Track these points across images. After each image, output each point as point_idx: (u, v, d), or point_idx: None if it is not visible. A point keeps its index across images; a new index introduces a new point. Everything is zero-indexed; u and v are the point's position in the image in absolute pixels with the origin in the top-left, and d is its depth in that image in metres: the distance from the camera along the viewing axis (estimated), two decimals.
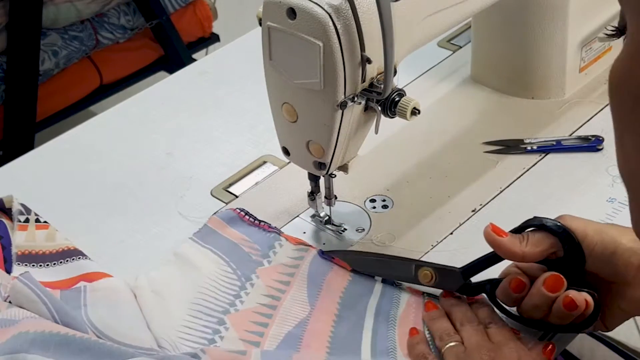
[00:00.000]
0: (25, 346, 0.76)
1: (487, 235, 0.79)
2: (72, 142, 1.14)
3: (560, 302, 0.76)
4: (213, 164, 1.08)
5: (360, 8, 0.77)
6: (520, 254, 0.78)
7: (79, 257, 0.93)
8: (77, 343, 0.77)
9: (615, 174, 1.00)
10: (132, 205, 1.02)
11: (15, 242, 0.94)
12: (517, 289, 0.79)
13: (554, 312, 0.77)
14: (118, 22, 2.20)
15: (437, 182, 1.01)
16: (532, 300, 0.78)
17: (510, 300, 0.80)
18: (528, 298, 0.78)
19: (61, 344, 0.77)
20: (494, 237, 0.79)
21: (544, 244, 0.78)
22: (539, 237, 0.78)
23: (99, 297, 0.88)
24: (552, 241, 0.77)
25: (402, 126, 0.99)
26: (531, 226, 0.79)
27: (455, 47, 1.24)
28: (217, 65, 1.28)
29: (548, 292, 0.76)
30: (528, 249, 0.77)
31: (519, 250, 0.78)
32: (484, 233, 0.79)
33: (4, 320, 0.81)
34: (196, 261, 0.91)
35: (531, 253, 0.78)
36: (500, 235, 0.79)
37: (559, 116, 1.10)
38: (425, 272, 0.85)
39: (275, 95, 0.86)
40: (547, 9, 1.06)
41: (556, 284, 0.76)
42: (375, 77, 0.82)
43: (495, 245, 0.79)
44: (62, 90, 2.15)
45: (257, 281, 0.89)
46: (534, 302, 0.78)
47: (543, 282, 0.77)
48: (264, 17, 0.81)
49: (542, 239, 0.78)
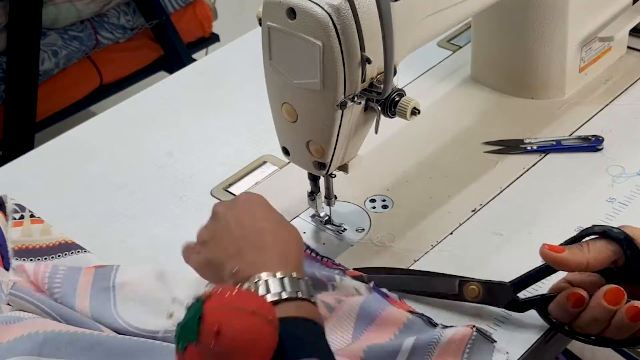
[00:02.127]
0: (36, 348, 0.76)
1: (545, 257, 0.77)
2: (72, 142, 1.14)
3: (623, 313, 0.74)
4: (213, 164, 1.08)
5: (360, 8, 0.77)
6: (584, 263, 0.76)
7: (77, 250, 0.93)
8: (87, 339, 0.77)
9: (615, 174, 1.00)
10: (132, 205, 1.02)
11: (11, 237, 0.94)
12: (577, 304, 0.76)
13: (613, 325, 0.75)
14: (118, 22, 2.20)
15: (437, 182, 1.01)
16: (592, 314, 0.76)
17: (567, 315, 0.78)
18: (587, 312, 0.76)
19: (72, 342, 0.77)
20: (554, 256, 0.76)
21: (606, 252, 0.76)
22: (600, 245, 0.76)
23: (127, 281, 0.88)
24: (615, 249, 0.76)
25: (402, 126, 1.00)
26: (591, 234, 0.77)
27: (455, 47, 1.24)
28: (217, 65, 1.28)
29: (609, 305, 0.75)
30: (591, 256, 0.76)
31: (584, 259, 0.76)
32: (542, 255, 0.77)
33: (10, 317, 0.81)
34: None
35: (594, 261, 0.76)
36: (559, 252, 0.77)
37: (558, 116, 1.10)
38: (472, 287, 0.82)
39: (275, 95, 0.86)
40: (547, 9, 1.06)
41: (617, 296, 0.75)
42: (375, 77, 0.82)
43: (558, 264, 0.77)
44: (62, 90, 2.15)
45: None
46: (594, 315, 0.76)
47: (604, 295, 0.75)
48: (263, 17, 0.81)
49: (604, 246, 0.76)
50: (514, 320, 0.83)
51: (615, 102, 1.11)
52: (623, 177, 0.99)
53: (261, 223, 0.76)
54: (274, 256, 0.72)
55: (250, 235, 0.75)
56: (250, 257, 0.72)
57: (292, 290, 0.68)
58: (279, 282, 0.69)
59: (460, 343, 0.79)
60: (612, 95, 1.12)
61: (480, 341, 0.79)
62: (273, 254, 0.73)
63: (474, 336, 0.79)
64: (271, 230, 0.75)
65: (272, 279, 0.69)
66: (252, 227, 0.75)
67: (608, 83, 1.14)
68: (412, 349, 0.79)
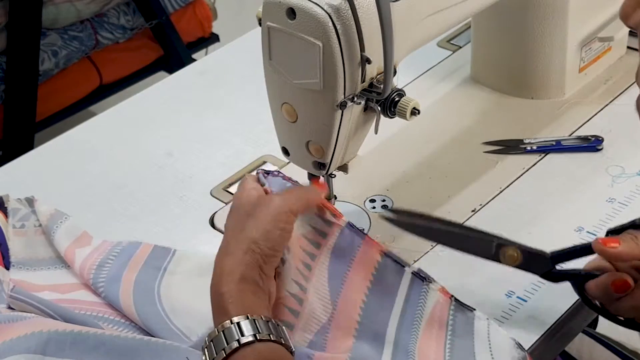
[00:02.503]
0: (41, 347, 0.76)
1: (601, 253, 0.76)
2: (72, 142, 1.14)
3: None
4: (213, 164, 1.08)
5: (360, 8, 0.77)
6: (639, 255, 0.74)
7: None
8: (91, 339, 0.77)
9: (615, 174, 1.00)
10: (132, 205, 1.02)
11: (13, 248, 0.93)
12: (621, 290, 0.75)
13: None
14: (118, 22, 2.20)
15: (437, 182, 1.01)
16: (635, 302, 0.75)
17: (608, 298, 0.77)
18: (629, 299, 0.75)
19: (76, 342, 0.77)
20: (610, 252, 0.75)
21: None
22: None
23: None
24: None
25: (402, 126, 0.99)
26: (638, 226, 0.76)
27: (455, 47, 1.24)
28: (217, 65, 1.28)
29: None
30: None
31: (638, 251, 0.74)
32: (596, 250, 0.75)
33: (12, 315, 0.81)
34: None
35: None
36: (614, 245, 0.75)
37: (558, 116, 1.10)
38: (511, 252, 0.80)
39: (275, 95, 0.86)
40: (547, 9, 1.06)
41: None
42: (375, 77, 0.82)
43: (615, 257, 0.75)
44: (62, 90, 2.15)
45: (288, 257, 0.80)
46: (636, 304, 0.75)
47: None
48: (263, 17, 0.81)
49: None
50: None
51: (615, 102, 1.11)
52: (623, 177, 0.99)
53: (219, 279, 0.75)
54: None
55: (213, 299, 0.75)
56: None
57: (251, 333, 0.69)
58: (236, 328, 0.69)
59: (442, 315, 0.81)
60: (612, 95, 1.12)
61: (459, 311, 0.81)
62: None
63: (453, 307, 0.81)
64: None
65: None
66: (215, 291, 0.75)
67: (608, 83, 1.14)
68: (402, 312, 0.81)
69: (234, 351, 0.68)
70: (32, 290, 0.88)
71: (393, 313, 0.82)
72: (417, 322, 0.81)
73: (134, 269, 0.90)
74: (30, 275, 0.91)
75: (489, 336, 0.80)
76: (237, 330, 0.69)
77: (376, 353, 0.80)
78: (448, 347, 0.80)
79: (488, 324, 0.80)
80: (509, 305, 0.85)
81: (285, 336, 0.71)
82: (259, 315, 0.70)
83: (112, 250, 0.92)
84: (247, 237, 0.74)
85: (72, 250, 0.92)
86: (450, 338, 0.80)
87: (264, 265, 0.74)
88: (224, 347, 0.68)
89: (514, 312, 0.84)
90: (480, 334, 0.80)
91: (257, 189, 0.81)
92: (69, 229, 0.94)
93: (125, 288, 0.87)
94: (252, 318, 0.69)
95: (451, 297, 0.82)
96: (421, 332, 0.81)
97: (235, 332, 0.69)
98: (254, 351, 0.68)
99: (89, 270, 0.89)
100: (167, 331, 0.83)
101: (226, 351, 0.68)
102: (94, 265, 0.90)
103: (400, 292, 0.83)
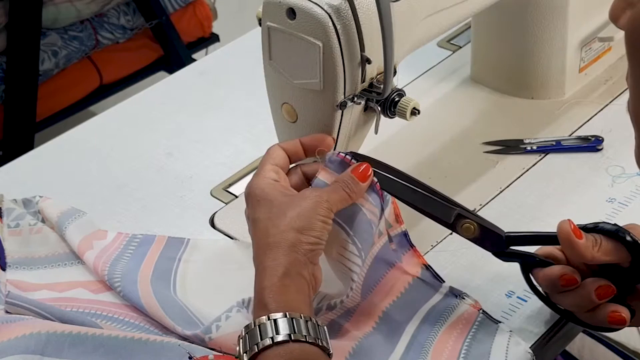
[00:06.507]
0: (39, 347, 0.76)
1: (563, 233, 0.76)
2: (72, 142, 1.14)
3: (605, 314, 0.75)
4: (213, 164, 1.08)
5: (360, 8, 0.77)
6: (589, 259, 0.75)
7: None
8: (89, 341, 0.77)
9: (615, 174, 1.00)
10: (132, 205, 1.02)
11: (8, 248, 0.93)
12: (568, 284, 0.77)
13: (593, 316, 0.77)
14: (118, 22, 2.20)
15: (437, 182, 1.00)
16: (577, 301, 0.77)
17: (553, 289, 0.78)
18: (573, 296, 0.77)
19: (75, 344, 0.77)
20: (571, 238, 0.75)
21: (614, 255, 0.75)
22: (612, 246, 0.75)
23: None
24: (624, 255, 0.75)
25: (402, 126, 0.99)
26: (605, 231, 0.76)
27: (455, 47, 1.25)
28: (217, 65, 1.28)
29: (597, 300, 0.75)
30: (599, 255, 0.75)
31: (590, 255, 0.75)
32: (560, 228, 0.76)
33: (10, 317, 0.81)
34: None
35: (598, 260, 0.76)
36: (577, 236, 0.75)
37: (558, 116, 1.10)
38: (468, 225, 0.80)
39: (274, 95, 0.86)
40: (547, 9, 1.06)
41: (607, 292, 0.75)
42: (375, 77, 0.82)
43: (569, 245, 0.76)
44: (62, 90, 2.15)
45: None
46: (578, 302, 0.77)
47: (595, 289, 0.75)
48: (263, 17, 0.81)
49: (615, 249, 0.75)
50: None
51: (615, 102, 1.11)
52: (623, 177, 0.99)
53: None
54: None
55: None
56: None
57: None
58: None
59: (467, 323, 0.82)
60: (612, 95, 1.12)
61: (485, 323, 0.82)
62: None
63: (480, 318, 0.82)
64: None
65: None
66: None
67: (608, 83, 1.14)
68: (426, 315, 0.82)
69: (266, 348, 0.68)
70: (28, 290, 0.88)
71: (417, 314, 0.83)
72: (439, 325, 0.82)
73: (150, 261, 0.91)
74: (26, 275, 0.91)
75: (508, 346, 0.80)
76: (273, 328, 0.68)
77: (390, 344, 0.81)
78: (464, 349, 0.80)
79: (509, 335, 0.81)
80: (509, 305, 0.85)
81: (324, 337, 0.70)
82: (299, 313, 0.69)
83: (129, 245, 0.94)
84: (292, 228, 0.73)
85: (89, 242, 0.93)
86: (469, 342, 0.81)
87: (310, 254, 0.73)
88: (258, 342, 0.68)
89: (514, 312, 0.84)
90: (499, 342, 0.80)
91: (271, 177, 0.80)
92: (84, 224, 0.95)
93: (143, 279, 0.88)
94: (290, 317, 0.69)
95: (480, 309, 0.83)
96: (441, 333, 0.82)
97: (271, 329, 0.68)
98: (286, 351, 0.68)
99: (104, 265, 0.90)
100: (186, 319, 0.83)
101: (259, 347, 0.68)
102: (110, 259, 0.91)
103: (431, 302, 0.84)
